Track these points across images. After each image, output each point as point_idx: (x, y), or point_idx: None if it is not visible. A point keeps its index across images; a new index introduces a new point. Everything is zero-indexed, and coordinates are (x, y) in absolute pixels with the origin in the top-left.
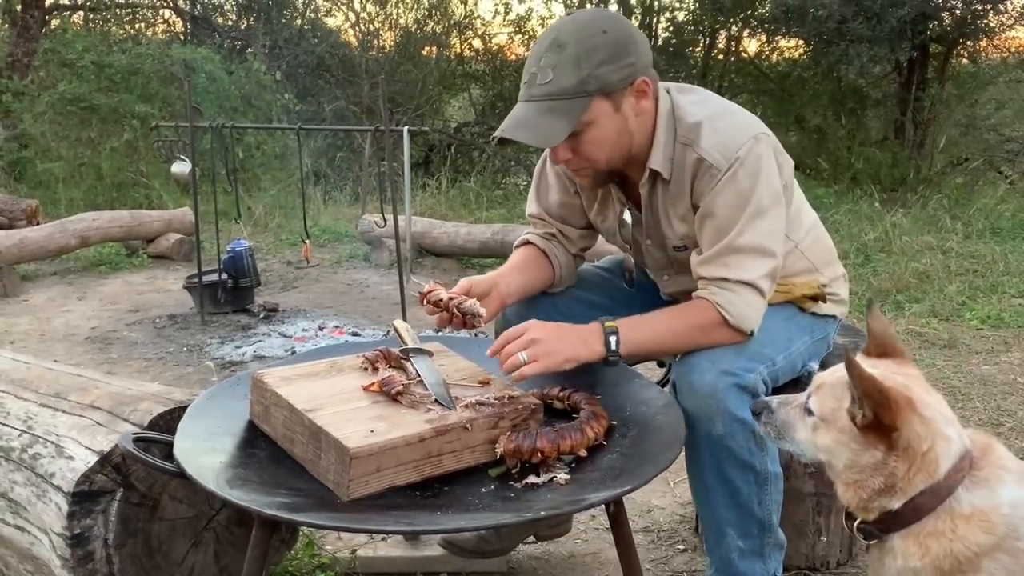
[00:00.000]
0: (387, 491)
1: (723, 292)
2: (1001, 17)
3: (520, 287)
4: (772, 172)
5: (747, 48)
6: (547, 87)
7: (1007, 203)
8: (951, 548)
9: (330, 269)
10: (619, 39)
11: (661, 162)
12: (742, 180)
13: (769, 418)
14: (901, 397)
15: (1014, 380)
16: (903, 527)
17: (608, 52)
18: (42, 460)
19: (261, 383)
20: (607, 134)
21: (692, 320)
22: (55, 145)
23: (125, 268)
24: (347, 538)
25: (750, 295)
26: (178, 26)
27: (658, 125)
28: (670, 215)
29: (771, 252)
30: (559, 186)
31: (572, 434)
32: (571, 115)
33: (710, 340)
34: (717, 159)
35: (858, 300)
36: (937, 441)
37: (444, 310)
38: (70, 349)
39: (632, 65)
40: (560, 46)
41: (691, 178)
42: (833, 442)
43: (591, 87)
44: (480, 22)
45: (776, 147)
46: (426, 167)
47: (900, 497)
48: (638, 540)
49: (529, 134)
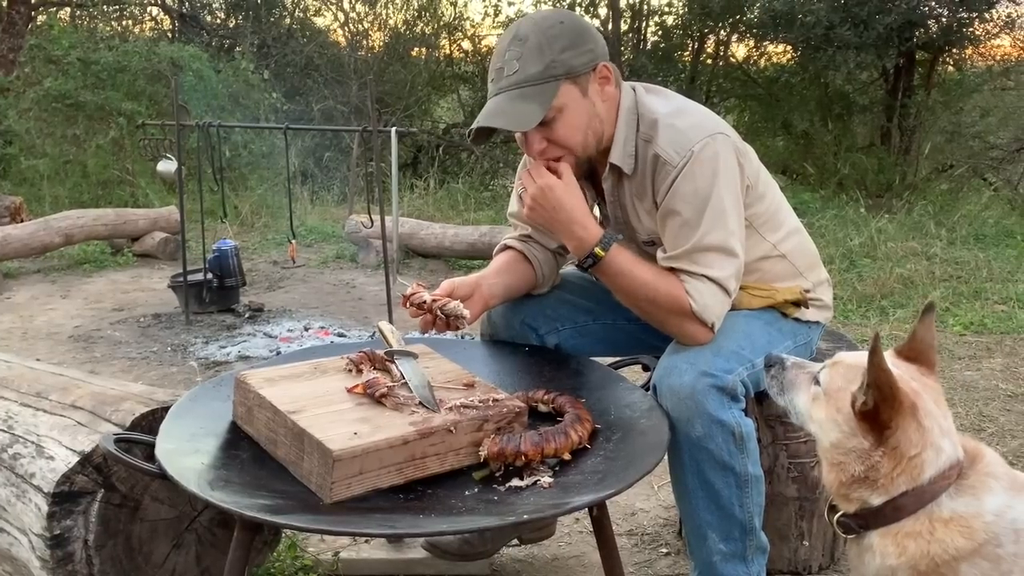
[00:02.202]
0: (370, 494)
1: (693, 281)
2: (986, 25)
3: (503, 288)
4: (731, 172)
5: (735, 53)
6: (515, 76)
7: (991, 210)
8: (928, 549)
9: (316, 269)
10: (576, 28)
11: (621, 157)
12: (700, 179)
13: (779, 373)
14: (907, 400)
15: (996, 386)
16: (882, 525)
17: (568, 39)
18: (22, 460)
19: (244, 384)
20: (578, 118)
21: (667, 293)
22: (40, 142)
23: (110, 267)
24: (330, 540)
25: (716, 290)
26: (166, 24)
27: (619, 119)
28: (637, 210)
29: (735, 252)
30: None
31: (556, 437)
32: (542, 99)
33: (672, 324)
34: (671, 155)
35: (843, 305)
36: (927, 449)
37: (428, 312)
38: (53, 348)
39: (592, 51)
40: (522, 39)
41: (651, 174)
42: (827, 418)
43: (557, 71)
44: (469, 23)
45: (737, 148)
46: (414, 168)
47: (881, 494)
48: (622, 543)
49: (503, 120)
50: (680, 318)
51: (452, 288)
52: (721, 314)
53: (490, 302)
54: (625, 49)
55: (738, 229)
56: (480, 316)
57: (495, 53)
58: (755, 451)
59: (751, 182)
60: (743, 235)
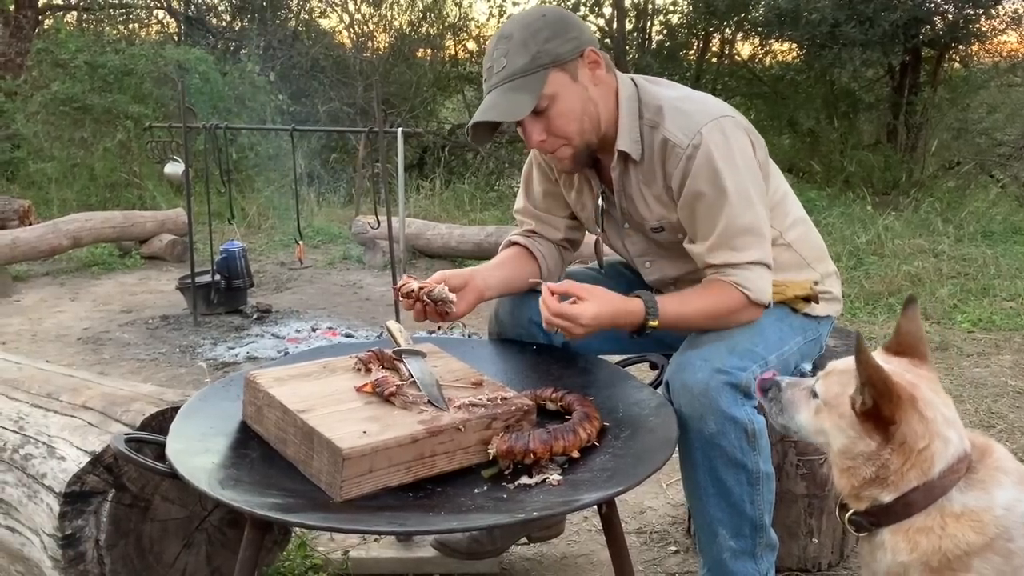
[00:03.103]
0: (379, 492)
1: (739, 272)
2: (993, 22)
3: (500, 281)
4: (746, 150)
5: (740, 51)
6: (504, 72)
7: (998, 207)
8: (940, 545)
9: (323, 270)
10: (558, 18)
11: (628, 143)
12: (718, 161)
13: (776, 395)
14: (904, 392)
15: (1005, 383)
16: (893, 522)
17: (551, 30)
18: (33, 460)
19: (254, 384)
20: (572, 105)
21: (722, 303)
22: (48, 145)
23: (118, 269)
24: (339, 539)
25: (762, 270)
26: (172, 27)
27: (621, 107)
28: (645, 196)
29: (763, 231)
30: (541, 176)
31: (565, 435)
32: (532, 88)
33: (737, 320)
34: (680, 138)
35: (850, 303)
36: (934, 441)
37: (417, 300)
38: (62, 350)
39: (577, 38)
40: (507, 37)
41: (660, 160)
42: (832, 426)
43: (544, 60)
44: (474, 24)
45: (747, 127)
46: (420, 169)
47: (892, 491)
48: (631, 541)
49: (496, 112)
50: (739, 313)
51: (443, 278)
52: (770, 289)
53: (485, 294)
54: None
55: (762, 208)
56: (473, 307)
57: (485, 55)
58: (767, 448)
59: (761, 161)
60: (767, 213)
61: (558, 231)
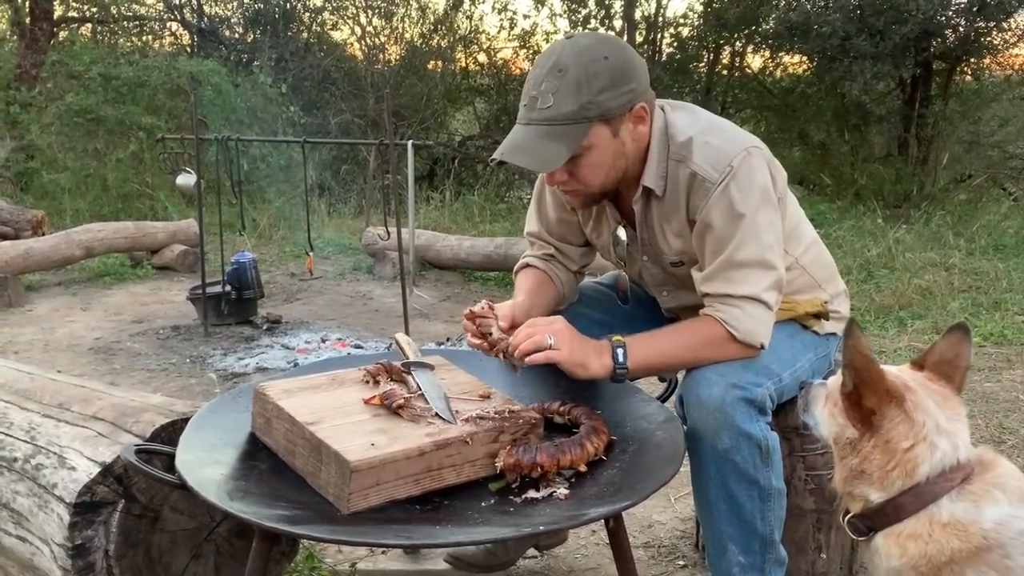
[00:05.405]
0: (387, 504)
1: (729, 309)
2: (1004, 35)
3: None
4: (767, 184)
5: (751, 64)
6: (547, 112)
7: (1011, 220)
8: (926, 551)
9: (333, 281)
10: (620, 65)
11: (654, 179)
12: (735, 192)
13: (807, 391)
14: (892, 388)
15: (1016, 397)
16: (886, 526)
17: (609, 78)
18: (44, 471)
19: (263, 396)
20: (604, 159)
21: (699, 336)
22: (61, 156)
23: (129, 279)
24: (347, 551)
25: (756, 309)
26: (185, 39)
27: (652, 143)
28: (665, 231)
29: (772, 264)
30: (556, 203)
31: (572, 449)
32: (571, 140)
33: (719, 355)
34: (710, 172)
35: (861, 316)
36: (920, 444)
37: (490, 348)
38: (74, 360)
39: (632, 91)
40: (561, 71)
41: (686, 194)
42: (828, 414)
43: (591, 113)
44: (485, 37)
45: (770, 159)
46: (430, 180)
47: (879, 489)
48: (638, 555)
49: (528, 158)
50: (720, 347)
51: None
52: (766, 332)
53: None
54: None
55: (775, 243)
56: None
57: (532, 77)
58: (779, 464)
59: (780, 194)
60: (781, 248)
61: (573, 263)
